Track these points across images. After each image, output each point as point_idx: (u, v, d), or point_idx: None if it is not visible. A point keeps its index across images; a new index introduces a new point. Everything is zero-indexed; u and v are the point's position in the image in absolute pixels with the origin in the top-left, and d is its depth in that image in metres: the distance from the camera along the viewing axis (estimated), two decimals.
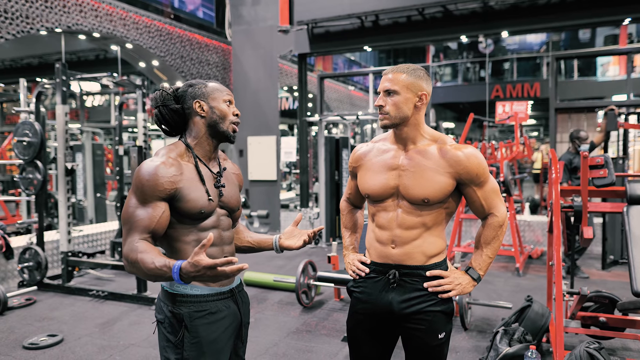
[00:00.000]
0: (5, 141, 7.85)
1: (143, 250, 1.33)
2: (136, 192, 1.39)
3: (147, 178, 1.37)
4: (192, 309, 1.42)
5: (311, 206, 7.09)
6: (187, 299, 1.43)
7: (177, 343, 1.42)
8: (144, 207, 1.38)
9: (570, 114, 6.85)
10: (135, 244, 1.34)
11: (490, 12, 6.57)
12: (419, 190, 1.53)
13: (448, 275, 1.58)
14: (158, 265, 1.28)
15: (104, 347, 3.25)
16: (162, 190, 1.38)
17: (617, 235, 5.30)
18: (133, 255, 1.33)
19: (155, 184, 1.37)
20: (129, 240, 1.36)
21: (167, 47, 7.59)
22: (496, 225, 1.60)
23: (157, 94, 1.51)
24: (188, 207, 1.41)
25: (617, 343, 3.21)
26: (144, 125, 4.85)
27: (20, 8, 5.50)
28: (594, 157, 2.65)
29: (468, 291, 1.60)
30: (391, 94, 1.55)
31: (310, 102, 10.98)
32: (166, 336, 1.44)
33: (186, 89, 1.51)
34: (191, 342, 1.42)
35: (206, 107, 1.48)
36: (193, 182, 1.43)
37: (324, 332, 3.52)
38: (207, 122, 1.49)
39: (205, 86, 1.50)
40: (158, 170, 1.38)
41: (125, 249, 1.36)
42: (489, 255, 1.61)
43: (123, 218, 1.40)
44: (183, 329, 1.42)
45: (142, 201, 1.38)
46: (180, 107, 1.50)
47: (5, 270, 4.71)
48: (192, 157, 1.48)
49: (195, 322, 1.42)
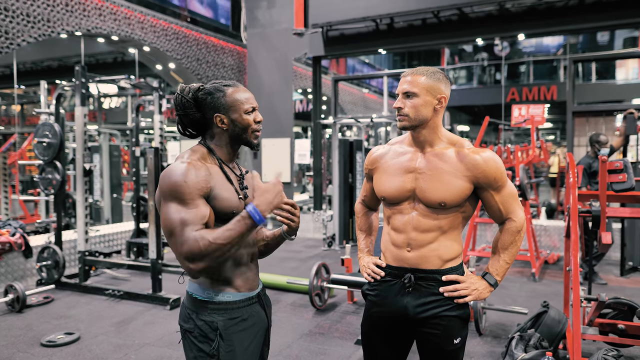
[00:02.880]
0: (26, 142, 8.01)
1: (208, 232, 1.27)
2: (174, 197, 1.31)
3: (183, 179, 1.31)
4: (226, 316, 1.39)
5: (324, 208, 7.09)
6: (220, 306, 1.39)
7: (212, 353, 1.37)
8: (188, 209, 1.30)
9: (588, 117, 6.76)
10: (195, 234, 1.27)
11: (507, 14, 6.51)
12: (436, 193, 1.53)
13: (464, 280, 1.57)
14: (231, 226, 1.27)
15: (120, 345, 3.30)
16: (200, 188, 1.32)
17: (636, 241, 5.21)
18: (202, 242, 1.25)
19: (192, 183, 1.31)
20: (184, 237, 1.26)
21: (183, 50, 7.67)
22: (514, 230, 1.58)
23: (178, 99, 1.45)
24: (222, 206, 1.37)
25: (636, 351, 3.15)
26: (160, 127, 4.91)
27: (42, 12, 5.62)
28: (612, 161, 2.60)
29: (484, 297, 1.58)
30: (410, 96, 1.54)
31: (325, 104, 11.00)
32: (198, 346, 1.39)
33: (205, 97, 1.44)
34: (226, 350, 1.38)
35: (227, 121, 1.43)
36: (222, 183, 1.40)
37: (337, 335, 3.51)
38: (230, 134, 1.45)
39: (224, 96, 1.43)
40: (190, 171, 1.33)
41: (186, 248, 1.26)
42: (507, 261, 1.59)
43: (167, 227, 1.30)
44: (218, 338, 1.37)
45: (184, 203, 1.30)
46: (200, 116, 1.45)
47: (24, 268, 4.80)
48: (215, 159, 1.44)
49: (229, 330, 1.38)
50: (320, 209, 7.50)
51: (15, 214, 7.70)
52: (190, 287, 1.44)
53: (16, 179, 8.17)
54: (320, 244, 6.98)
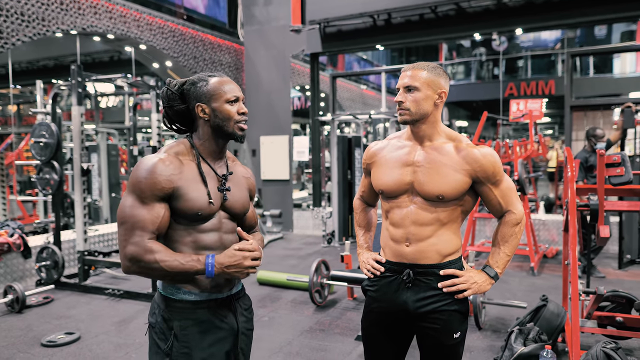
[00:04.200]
0: (23, 142, 7.99)
1: (159, 250, 1.28)
2: (134, 191, 1.32)
3: (145, 176, 1.31)
4: (183, 316, 1.35)
5: (324, 205, 7.10)
6: (181, 305, 1.36)
7: (165, 350, 1.35)
8: (144, 207, 1.31)
9: (586, 111, 6.76)
10: (147, 244, 1.28)
11: (504, 9, 6.50)
12: (434, 186, 1.53)
13: (462, 275, 1.57)
14: (184, 261, 1.27)
15: (120, 345, 3.30)
16: (160, 189, 1.31)
17: (634, 234, 5.21)
18: (149, 256, 1.27)
19: (153, 183, 1.30)
20: (135, 240, 1.28)
21: (180, 47, 7.65)
22: (514, 222, 1.59)
23: (163, 92, 1.43)
24: (186, 207, 1.34)
25: (634, 343, 3.16)
26: (158, 126, 4.90)
27: (36, 11, 5.59)
28: (610, 155, 2.61)
29: (485, 290, 1.59)
30: (411, 90, 1.55)
31: (323, 101, 10.98)
32: (156, 342, 1.37)
33: (189, 87, 1.42)
34: (180, 352, 1.34)
35: (208, 110, 1.40)
36: (193, 182, 1.36)
37: (337, 331, 3.52)
38: (212, 125, 1.41)
39: (206, 84, 1.40)
40: (156, 168, 1.32)
41: (132, 249, 1.28)
42: (507, 253, 1.59)
43: (120, 217, 1.31)
44: (172, 337, 1.34)
45: (141, 200, 1.31)
46: (185, 107, 1.43)
47: (24, 269, 4.79)
48: (195, 156, 1.41)
49: (186, 331, 1.35)
50: (319, 206, 7.50)
51: (13, 214, 7.69)
52: (158, 282, 1.43)
53: (14, 179, 8.16)
54: (320, 241, 6.98)
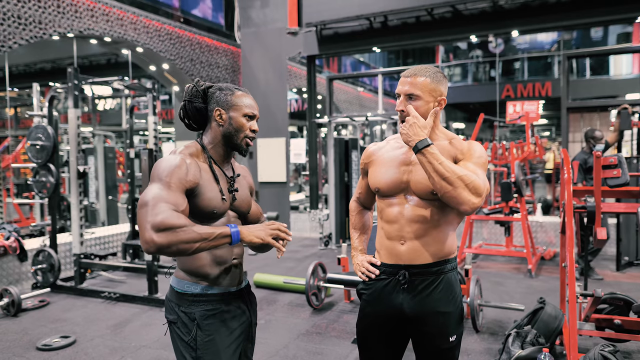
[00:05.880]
0: (19, 145, 7.97)
1: (186, 218, 1.29)
2: (160, 180, 1.34)
3: (173, 169, 1.36)
4: (204, 307, 1.44)
5: (321, 208, 7.08)
6: (197, 298, 1.45)
7: (190, 342, 1.43)
8: (170, 191, 1.32)
9: (583, 113, 6.79)
10: (172, 211, 1.27)
11: (500, 11, 6.52)
12: (428, 183, 1.51)
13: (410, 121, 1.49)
14: (210, 230, 1.29)
15: (116, 348, 3.28)
16: (187, 181, 1.37)
17: (631, 236, 5.22)
18: (180, 220, 1.25)
19: (180, 174, 1.36)
20: (162, 209, 1.25)
21: (177, 50, 7.64)
22: (472, 178, 1.42)
23: (189, 87, 1.51)
24: (203, 204, 1.42)
25: (632, 346, 3.16)
26: (155, 128, 4.88)
27: (33, 14, 5.58)
28: (607, 156, 2.61)
29: (416, 132, 1.46)
30: (412, 98, 1.54)
31: (320, 103, 10.98)
32: (180, 336, 1.46)
33: (215, 91, 1.51)
34: (204, 340, 1.43)
35: (225, 117, 1.48)
36: (209, 182, 1.45)
37: (334, 334, 3.51)
38: (223, 132, 1.49)
39: (232, 94, 1.50)
40: (183, 163, 1.39)
41: (160, 217, 1.23)
42: (442, 161, 1.41)
43: (142, 202, 1.29)
44: (195, 327, 1.43)
45: (168, 187, 1.33)
46: (204, 107, 1.51)
47: (19, 272, 4.77)
48: (207, 158, 1.49)
49: (207, 321, 1.44)
50: (316, 208, 7.49)
51: (10, 217, 7.66)
52: (172, 281, 1.52)
53: (10, 182, 8.13)
54: (317, 243, 6.97)
